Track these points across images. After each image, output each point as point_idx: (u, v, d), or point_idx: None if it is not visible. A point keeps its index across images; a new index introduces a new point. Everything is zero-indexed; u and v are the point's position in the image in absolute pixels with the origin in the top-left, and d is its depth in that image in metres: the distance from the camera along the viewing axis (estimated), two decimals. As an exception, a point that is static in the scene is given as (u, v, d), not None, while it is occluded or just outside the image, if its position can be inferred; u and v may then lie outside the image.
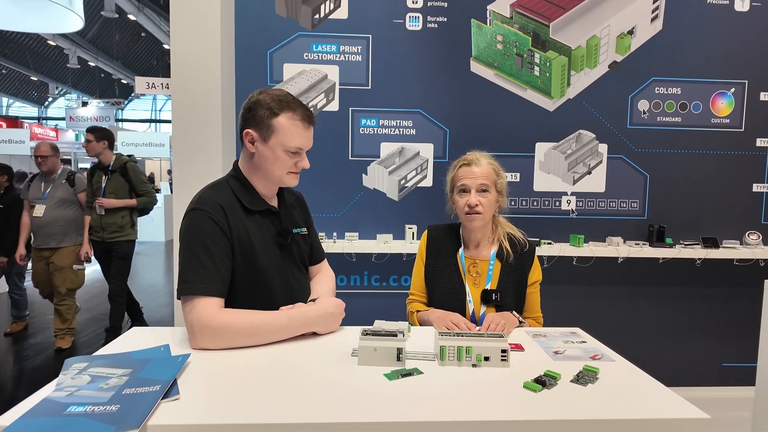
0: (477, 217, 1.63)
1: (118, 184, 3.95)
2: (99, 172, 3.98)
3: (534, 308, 1.70)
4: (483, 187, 1.63)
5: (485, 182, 1.63)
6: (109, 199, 3.90)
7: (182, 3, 2.52)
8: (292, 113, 1.34)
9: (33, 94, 24.84)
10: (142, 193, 4.07)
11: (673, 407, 0.93)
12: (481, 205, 1.62)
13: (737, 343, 3.05)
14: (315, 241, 1.62)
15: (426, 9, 2.81)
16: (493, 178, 1.65)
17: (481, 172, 1.64)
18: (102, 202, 3.87)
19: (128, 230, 4.00)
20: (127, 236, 3.99)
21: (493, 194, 1.65)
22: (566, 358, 1.19)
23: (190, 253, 1.26)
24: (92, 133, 3.93)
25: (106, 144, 3.96)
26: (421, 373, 1.07)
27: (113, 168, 3.96)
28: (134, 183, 4.01)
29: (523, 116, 2.89)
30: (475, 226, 1.66)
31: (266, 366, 1.11)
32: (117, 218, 3.93)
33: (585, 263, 2.94)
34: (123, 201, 3.96)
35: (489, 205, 1.64)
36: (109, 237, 3.92)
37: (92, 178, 3.98)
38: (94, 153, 3.94)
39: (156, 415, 0.85)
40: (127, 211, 4.00)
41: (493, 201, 1.65)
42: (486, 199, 1.63)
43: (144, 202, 4.09)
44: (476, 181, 1.63)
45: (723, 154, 2.97)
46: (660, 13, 2.87)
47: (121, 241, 3.96)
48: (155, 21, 15.34)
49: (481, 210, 1.62)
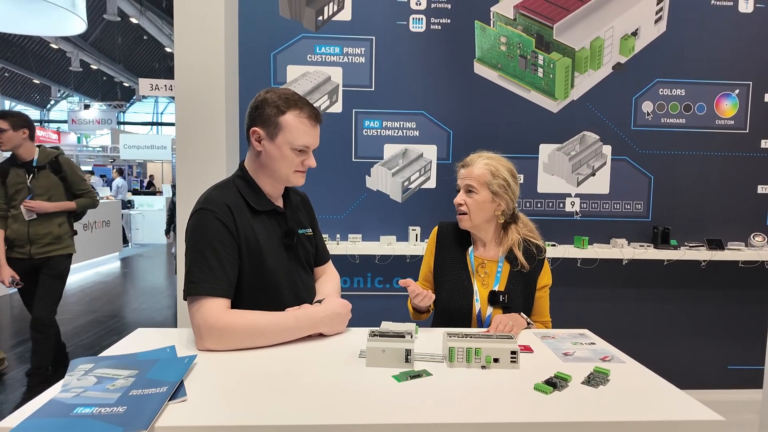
0: (463, 218, 1.66)
1: (50, 183, 3.11)
2: (17, 169, 3.08)
3: (543, 312, 1.69)
4: (469, 188, 1.64)
5: (471, 183, 1.63)
6: (42, 202, 3.05)
7: (186, 5, 2.52)
8: (299, 111, 1.34)
9: (35, 97, 24.93)
10: (82, 193, 3.24)
11: (687, 409, 0.92)
12: (465, 205, 1.64)
13: (742, 346, 3.03)
14: (320, 242, 1.61)
15: (429, 11, 2.81)
16: (486, 179, 1.63)
17: (470, 173, 1.65)
18: (32, 205, 3.01)
19: (67, 241, 3.19)
20: (66, 249, 3.16)
21: (482, 195, 1.63)
22: (576, 360, 1.18)
23: (197, 254, 1.25)
24: (6, 119, 3.00)
25: (26, 133, 3.06)
26: (430, 375, 1.06)
27: (39, 163, 3.11)
28: (71, 181, 3.19)
29: (527, 118, 2.88)
30: (463, 226, 1.69)
31: (274, 367, 1.10)
32: (52, 227, 3.09)
33: (589, 265, 2.93)
34: (60, 204, 3.13)
35: (475, 206, 1.63)
36: (41, 252, 3.06)
37: (5, 179, 3.06)
38: (12, 145, 3.03)
39: (164, 417, 0.84)
40: (65, 216, 3.19)
41: (481, 201, 1.63)
42: (472, 199, 1.63)
43: (84, 204, 3.27)
44: (464, 182, 1.66)
45: (727, 155, 2.95)
46: (664, 14, 2.86)
47: (56, 255, 3.10)
48: (157, 24, 15.39)
49: (465, 210, 1.64)
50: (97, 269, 7.75)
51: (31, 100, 25.04)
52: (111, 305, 5.66)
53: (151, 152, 12.85)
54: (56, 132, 18.47)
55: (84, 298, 5.97)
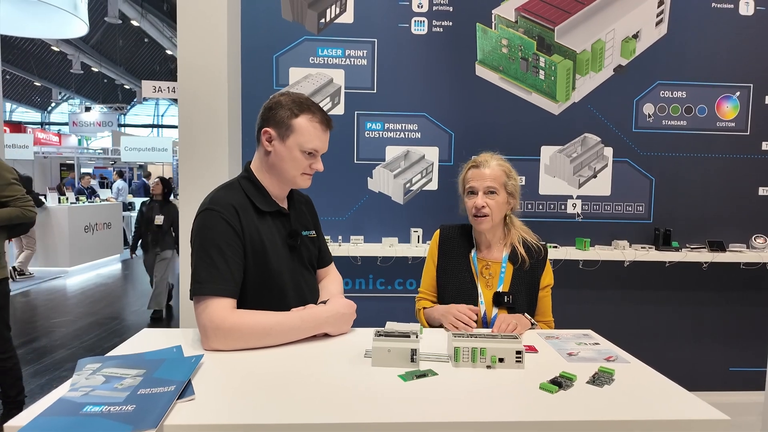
0: (484, 220, 1.62)
1: None
2: None
3: (545, 312, 1.70)
4: (490, 189, 1.62)
5: (492, 184, 1.61)
6: None
7: (189, 7, 2.53)
8: (312, 115, 1.36)
9: (36, 100, 24.95)
10: (8, 201, 2.50)
11: (693, 408, 0.93)
12: (488, 207, 1.61)
13: (744, 348, 3.03)
14: (323, 244, 1.62)
15: (431, 13, 2.82)
16: (503, 180, 1.63)
17: (490, 174, 1.62)
18: None
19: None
20: None
21: (502, 196, 1.63)
22: (580, 360, 1.18)
23: (203, 254, 1.26)
24: None
25: None
26: (435, 375, 1.07)
27: None
28: None
29: (529, 120, 2.89)
30: (483, 228, 1.65)
31: (280, 367, 1.10)
32: None
33: (591, 267, 2.94)
34: None
35: (497, 207, 1.62)
36: None
37: None
38: None
39: (172, 415, 0.85)
40: None
41: (502, 203, 1.64)
42: (494, 201, 1.62)
43: (13, 216, 2.51)
44: (484, 183, 1.62)
45: (728, 157, 2.96)
46: (665, 17, 2.87)
47: None
48: (158, 27, 15.40)
49: (488, 212, 1.61)
50: (98, 271, 7.76)
51: (32, 103, 25.06)
52: (112, 307, 5.67)
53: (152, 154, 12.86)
54: (57, 134, 18.46)
55: (85, 300, 5.97)
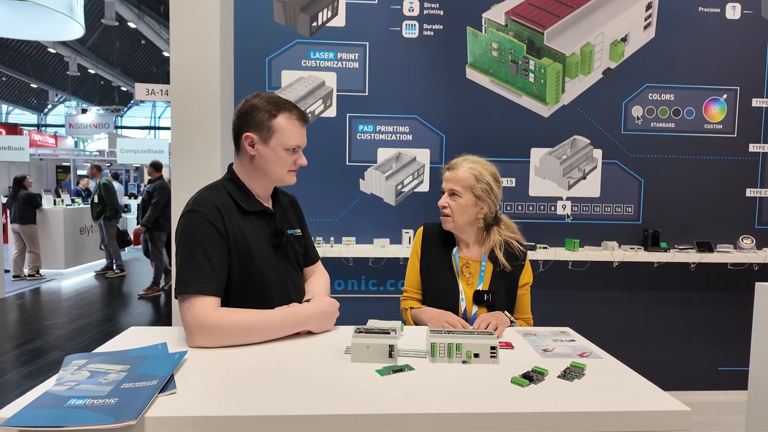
0: (446, 220, 1.72)
1: None
2: None
3: (524, 309, 1.73)
4: (453, 191, 1.69)
5: (455, 187, 1.68)
6: None
7: (182, 10, 2.56)
8: (289, 113, 1.40)
9: (32, 102, 24.93)
10: None
11: (655, 400, 0.96)
12: (449, 208, 1.69)
13: (733, 347, 3.06)
14: (309, 242, 1.65)
15: (422, 17, 2.86)
16: (470, 183, 1.67)
17: (455, 177, 1.69)
18: None
19: None
20: None
21: (466, 199, 1.67)
22: (555, 356, 1.21)
23: (187, 254, 1.29)
24: None
25: None
26: (412, 369, 1.10)
27: None
28: None
29: (519, 122, 2.92)
30: (446, 227, 1.74)
31: (262, 362, 1.13)
32: None
33: (580, 267, 2.97)
34: None
35: (458, 209, 1.68)
36: None
37: None
38: None
39: (153, 408, 0.88)
40: None
41: (464, 205, 1.68)
42: (455, 203, 1.68)
43: None
44: (448, 185, 1.71)
45: (716, 159, 3.00)
46: (653, 20, 2.91)
47: None
48: (155, 29, 15.42)
49: (449, 213, 1.69)
50: (92, 273, 7.76)
51: (28, 104, 25.05)
52: (106, 309, 5.68)
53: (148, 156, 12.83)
54: (53, 136, 18.46)
55: (79, 302, 5.98)
